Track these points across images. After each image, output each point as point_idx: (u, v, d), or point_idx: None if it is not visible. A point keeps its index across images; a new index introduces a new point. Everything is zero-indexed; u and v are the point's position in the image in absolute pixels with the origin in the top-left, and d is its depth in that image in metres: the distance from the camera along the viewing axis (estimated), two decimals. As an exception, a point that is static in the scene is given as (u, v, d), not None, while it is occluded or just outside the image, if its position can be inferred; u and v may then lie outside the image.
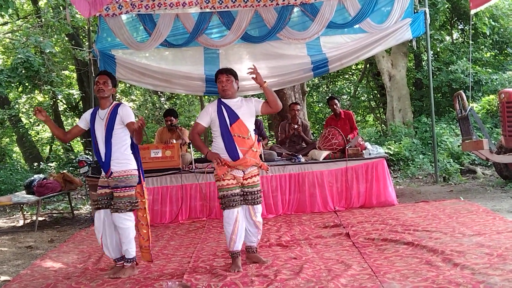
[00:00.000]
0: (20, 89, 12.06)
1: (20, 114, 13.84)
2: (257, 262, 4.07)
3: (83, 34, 13.95)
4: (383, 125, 14.42)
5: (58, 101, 14.96)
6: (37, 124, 14.76)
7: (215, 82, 4.16)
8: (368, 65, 14.58)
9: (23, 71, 9.93)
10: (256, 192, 4.06)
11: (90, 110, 4.23)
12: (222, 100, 4.09)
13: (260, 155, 5.23)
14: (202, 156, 4.33)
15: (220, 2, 7.40)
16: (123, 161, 3.98)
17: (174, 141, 6.59)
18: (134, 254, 4.03)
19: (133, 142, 4.11)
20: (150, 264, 4.33)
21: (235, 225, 3.91)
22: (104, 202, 4.00)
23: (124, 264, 4.01)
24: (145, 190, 4.18)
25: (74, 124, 4.34)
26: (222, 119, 4.00)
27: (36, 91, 12.56)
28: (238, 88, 4.18)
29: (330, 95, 9.26)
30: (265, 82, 4.00)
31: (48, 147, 16.07)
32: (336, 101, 7.68)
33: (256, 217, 4.07)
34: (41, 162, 12.70)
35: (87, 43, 9.44)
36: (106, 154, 3.97)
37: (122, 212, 3.89)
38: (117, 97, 16.21)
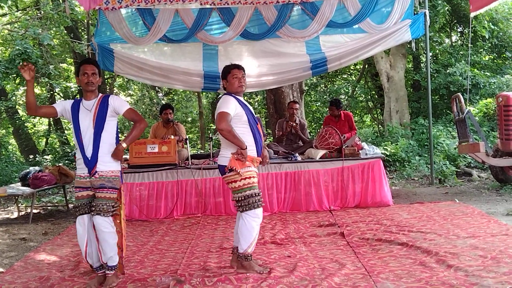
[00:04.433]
0: (17, 81, 12.03)
1: (17, 106, 13.81)
2: None
3: (82, 27, 13.91)
4: (380, 126, 14.43)
5: (55, 93, 14.92)
6: (33, 116, 14.71)
7: (225, 77, 3.85)
8: (366, 66, 14.58)
9: (21, 63, 9.85)
10: None
11: (71, 100, 3.82)
12: (238, 97, 3.83)
13: None
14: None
15: (221, -2, 7.36)
16: (113, 161, 3.66)
17: (172, 137, 6.58)
18: (117, 260, 3.68)
19: (117, 140, 3.76)
20: (144, 259, 4.33)
21: (259, 225, 3.77)
22: (87, 206, 3.62)
23: (107, 272, 3.63)
24: (123, 193, 3.85)
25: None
26: (250, 115, 3.79)
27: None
28: None
29: (332, 98, 9.10)
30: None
31: (44, 139, 16.04)
32: (335, 108, 7.53)
33: None
34: (37, 155, 12.70)
35: (85, 37, 9.41)
36: (94, 150, 3.59)
37: (105, 215, 3.54)
38: (114, 91, 16.16)
